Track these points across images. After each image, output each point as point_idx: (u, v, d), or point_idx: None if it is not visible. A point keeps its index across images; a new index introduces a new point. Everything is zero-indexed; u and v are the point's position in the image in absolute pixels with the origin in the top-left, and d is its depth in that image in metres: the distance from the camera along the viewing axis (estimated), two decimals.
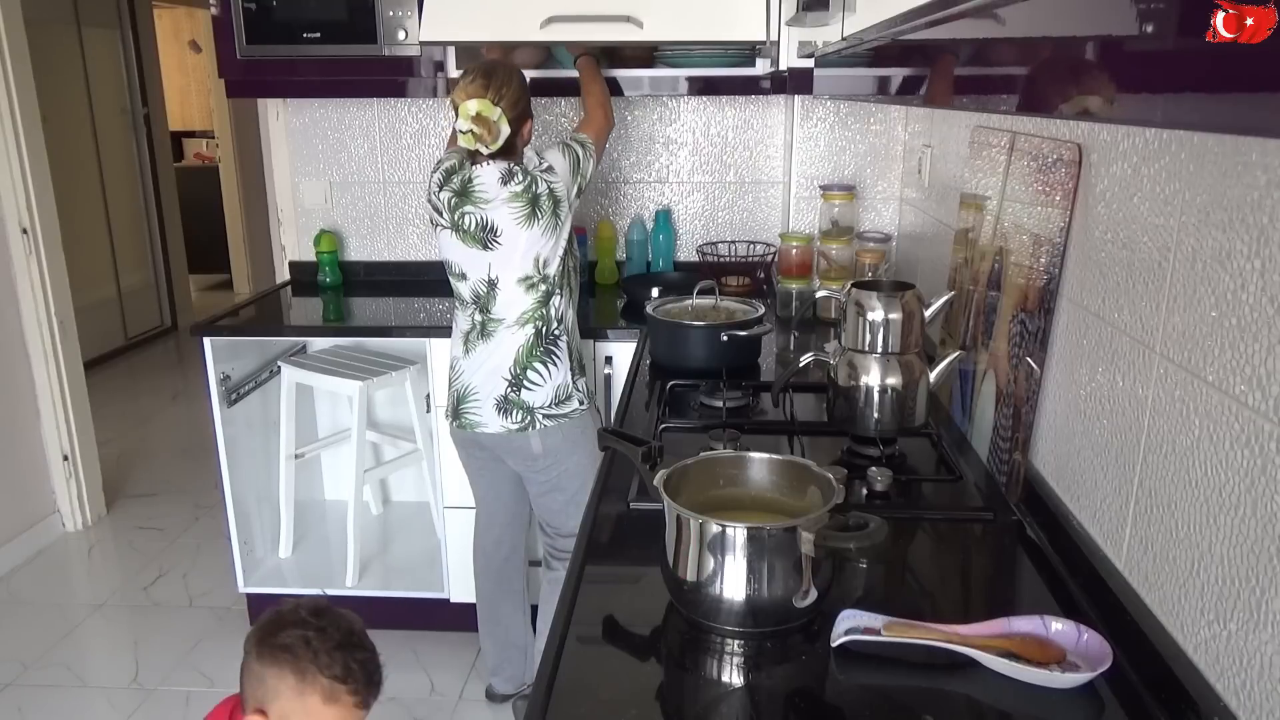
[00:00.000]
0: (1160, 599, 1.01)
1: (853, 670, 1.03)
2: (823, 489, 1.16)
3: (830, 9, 1.22)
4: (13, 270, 3.24)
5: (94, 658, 2.77)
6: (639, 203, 3.03)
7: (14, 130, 3.16)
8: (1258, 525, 0.83)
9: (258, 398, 2.80)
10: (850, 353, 1.58)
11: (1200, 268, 0.94)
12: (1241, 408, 0.86)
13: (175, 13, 7.26)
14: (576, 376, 2.17)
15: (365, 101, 2.97)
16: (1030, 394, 1.36)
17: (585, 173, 2.16)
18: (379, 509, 3.21)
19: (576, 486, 2.17)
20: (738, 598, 1.08)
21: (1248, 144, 0.86)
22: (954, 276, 1.84)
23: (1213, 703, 0.89)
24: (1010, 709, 0.98)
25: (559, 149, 2.13)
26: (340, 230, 3.10)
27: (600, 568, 1.29)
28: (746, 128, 2.95)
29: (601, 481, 1.53)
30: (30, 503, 3.36)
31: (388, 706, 2.51)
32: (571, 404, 2.15)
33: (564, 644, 1.09)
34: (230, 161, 6.64)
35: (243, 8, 2.54)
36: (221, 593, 3.02)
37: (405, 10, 2.52)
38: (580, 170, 2.14)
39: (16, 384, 3.28)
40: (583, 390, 2.18)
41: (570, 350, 2.16)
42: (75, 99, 5.21)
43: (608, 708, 1.01)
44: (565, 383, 2.13)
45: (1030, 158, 1.44)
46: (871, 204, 2.77)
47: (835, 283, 2.49)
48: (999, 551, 1.33)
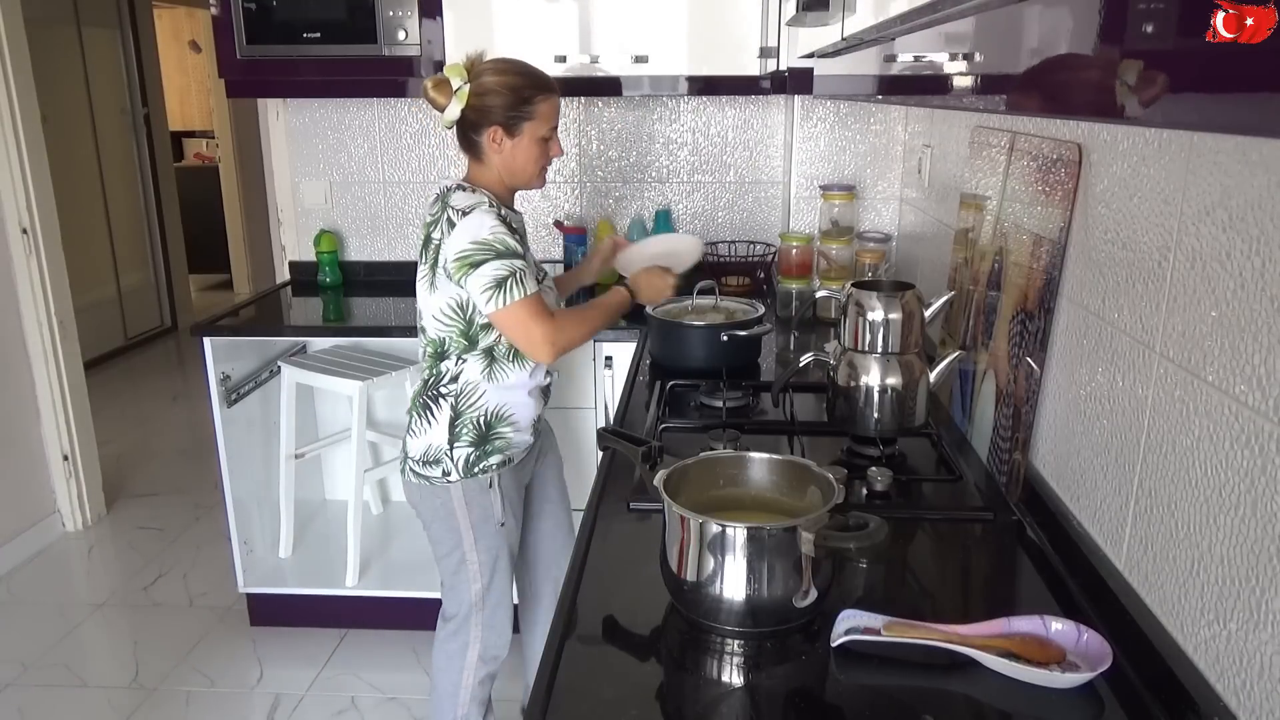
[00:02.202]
0: (1160, 599, 1.01)
1: (853, 670, 1.03)
2: (823, 489, 1.16)
3: (830, 9, 1.22)
4: (13, 270, 3.24)
5: (94, 658, 2.77)
6: (639, 203, 3.03)
7: (14, 130, 3.16)
8: (1258, 525, 0.83)
9: (258, 398, 2.80)
10: (850, 353, 1.58)
11: (1200, 268, 0.94)
12: (1241, 408, 0.86)
13: (175, 13, 7.26)
14: (460, 447, 1.83)
15: (365, 101, 2.97)
16: (1030, 394, 1.36)
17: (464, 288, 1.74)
18: (379, 509, 3.21)
19: (442, 556, 1.92)
20: (738, 598, 1.08)
21: (1248, 144, 0.86)
22: (954, 276, 1.84)
23: (1213, 703, 0.89)
24: (1010, 709, 0.98)
25: (478, 230, 1.71)
26: (340, 230, 3.10)
27: (600, 568, 1.29)
28: (746, 128, 2.95)
29: (601, 481, 1.53)
30: (30, 503, 3.36)
31: (388, 706, 2.51)
32: (435, 470, 1.85)
33: (564, 644, 1.09)
34: (230, 161, 6.64)
35: (243, 8, 2.54)
36: (221, 593, 3.02)
37: (405, 10, 2.52)
38: (459, 276, 1.73)
39: (16, 384, 3.28)
40: (460, 467, 1.84)
41: (457, 417, 1.83)
42: (75, 99, 5.21)
43: (608, 708, 1.01)
44: (438, 445, 1.84)
45: (1030, 158, 1.44)
46: (871, 204, 2.77)
47: (835, 283, 2.49)
48: (999, 551, 1.33)
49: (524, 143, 1.79)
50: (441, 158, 3.02)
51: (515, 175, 1.84)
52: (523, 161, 1.81)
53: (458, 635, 1.95)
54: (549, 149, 1.84)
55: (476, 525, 1.88)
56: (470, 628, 1.94)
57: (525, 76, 1.78)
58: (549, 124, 1.81)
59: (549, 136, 1.82)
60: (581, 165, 3.01)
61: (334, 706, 2.51)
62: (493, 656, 1.96)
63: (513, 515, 1.92)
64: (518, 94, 1.76)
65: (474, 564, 1.90)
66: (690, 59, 2.55)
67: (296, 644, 2.77)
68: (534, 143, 1.80)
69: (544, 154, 1.83)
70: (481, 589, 1.92)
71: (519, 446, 1.91)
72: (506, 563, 1.93)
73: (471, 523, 1.87)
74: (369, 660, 2.70)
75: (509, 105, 1.76)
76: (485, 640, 1.94)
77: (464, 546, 1.89)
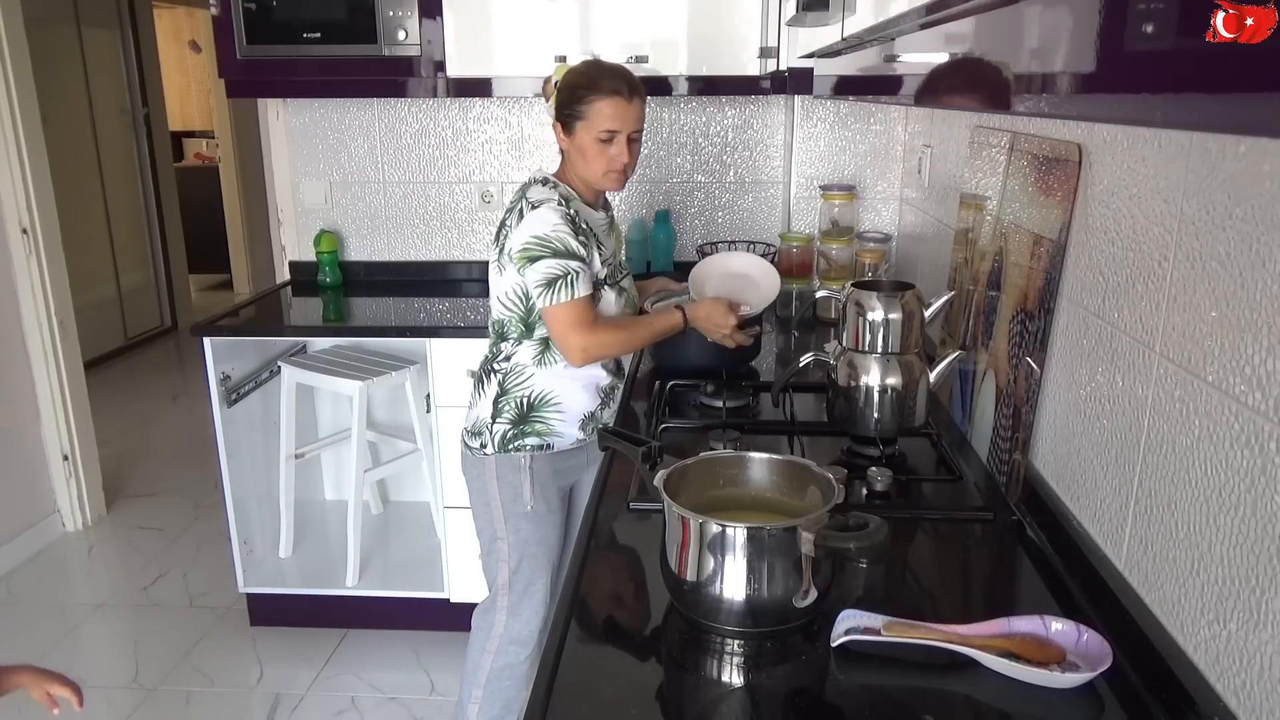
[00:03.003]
0: (1160, 599, 1.01)
1: (853, 670, 1.03)
2: (823, 489, 1.16)
3: (830, 9, 1.22)
4: (13, 270, 3.24)
5: (94, 658, 2.77)
6: (639, 203, 3.03)
7: (14, 130, 3.16)
8: (1258, 525, 0.83)
9: (258, 398, 2.80)
10: (850, 353, 1.58)
11: (1200, 268, 0.94)
12: (1241, 408, 0.86)
13: (175, 13, 7.27)
14: (500, 423, 1.88)
15: (365, 101, 2.97)
16: (1030, 394, 1.36)
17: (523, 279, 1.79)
18: (379, 509, 3.21)
19: (480, 530, 1.97)
20: (738, 598, 1.08)
21: (1248, 144, 0.86)
22: (954, 276, 1.84)
23: (1213, 703, 0.89)
24: (1010, 709, 0.98)
25: (540, 226, 1.75)
26: (340, 230, 3.10)
27: (600, 568, 1.29)
28: (746, 128, 2.95)
29: (601, 481, 1.53)
30: (30, 503, 3.36)
31: (388, 706, 2.51)
32: (476, 441, 1.91)
33: (564, 644, 1.09)
34: (230, 161, 6.64)
35: (243, 8, 2.54)
36: (221, 593, 3.02)
37: (405, 10, 2.52)
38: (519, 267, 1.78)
39: (16, 384, 3.28)
40: (496, 441, 1.88)
41: (502, 394, 1.88)
42: (75, 99, 5.21)
43: (608, 708, 1.01)
44: (482, 418, 1.90)
45: (1030, 158, 1.44)
46: (871, 204, 2.77)
47: (835, 283, 2.49)
48: (999, 551, 1.33)
49: (580, 141, 1.79)
50: (441, 157, 3.02)
51: (579, 173, 1.83)
52: (580, 161, 1.81)
53: (488, 612, 1.98)
54: (608, 152, 1.79)
55: (506, 504, 1.90)
56: (497, 609, 1.96)
57: (584, 75, 1.78)
58: (602, 125, 1.76)
59: (605, 138, 1.77)
60: None
61: (334, 706, 2.51)
62: (514, 641, 1.95)
63: (544, 504, 1.91)
64: (571, 91, 1.78)
65: (504, 544, 1.92)
66: (690, 59, 2.55)
67: (296, 644, 2.77)
68: (591, 142, 1.78)
69: (601, 156, 1.79)
70: (510, 571, 1.93)
71: (562, 436, 1.90)
72: (539, 552, 1.93)
73: (502, 500, 1.90)
74: (369, 660, 2.70)
75: (564, 102, 1.79)
76: (509, 625, 1.95)
77: (495, 524, 1.92)
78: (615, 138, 1.78)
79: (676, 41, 2.54)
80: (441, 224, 3.08)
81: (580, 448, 1.95)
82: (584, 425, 1.93)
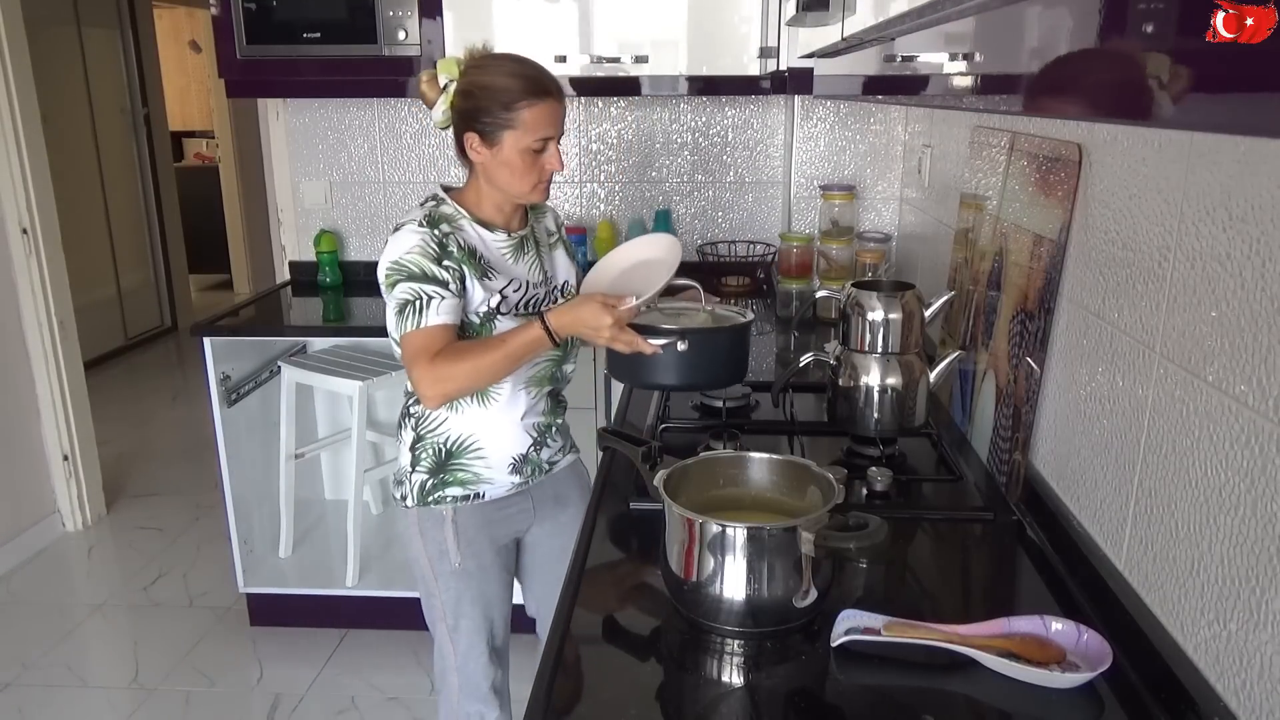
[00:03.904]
0: (1160, 599, 1.01)
1: (853, 670, 1.03)
2: (823, 489, 1.16)
3: (830, 9, 1.22)
4: (13, 270, 3.24)
5: (94, 658, 2.77)
6: (639, 203, 3.03)
7: (14, 130, 3.16)
8: (1258, 525, 0.83)
9: (258, 398, 2.80)
10: (850, 353, 1.58)
11: (1200, 268, 0.94)
12: (1241, 408, 0.86)
13: (175, 13, 7.27)
14: (418, 472, 1.69)
15: (365, 101, 2.97)
16: (1030, 394, 1.36)
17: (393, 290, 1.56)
18: (379, 509, 3.21)
19: (415, 583, 1.79)
20: (738, 598, 1.08)
21: (1248, 144, 0.86)
22: (954, 276, 1.84)
23: (1213, 703, 0.89)
24: (1010, 709, 0.98)
25: (396, 249, 1.54)
26: (340, 230, 3.10)
27: (600, 568, 1.29)
28: (746, 128, 2.95)
29: (601, 481, 1.53)
30: (30, 503, 3.36)
31: (388, 706, 2.51)
32: (399, 492, 1.75)
33: (564, 644, 1.09)
34: (230, 161, 6.64)
35: (243, 8, 2.54)
36: (221, 593, 3.02)
37: (405, 10, 2.52)
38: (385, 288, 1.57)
39: (16, 384, 3.28)
40: (415, 493, 1.69)
41: (418, 440, 1.69)
42: (75, 99, 5.21)
43: (608, 708, 1.01)
44: (403, 467, 1.73)
45: (1030, 158, 1.44)
46: (871, 204, 2.77)
47: (835, 283, 2.49)
48: (999, 551, 1.33)
49: (504, 153, 1.56)
50: (442, 157, 3.02)
51: (502, 188, 1.61)
52: (506, 175, 1.58)
53: (443, 673, 1.80)
54: (540, 162, 1.58)
55: (433, 561, 1.71)
56: (448, 669, 1.79)
57: (513, 78, 1.54)
58: (536, 134, 1.54)
59: (538, 148, 1.56)
60: (582, 165, 3.01)
61: (334, 706, 2.51)
62: (471, 699, 1.79)
63: (474, 559, 1.70)
64: (497, 98, 1.53)
65: (438, 600, 1.74)
66: (690, 59, 2.55)
67: (296, 644, 2.77)
68: (518, 154, 1.55)
69: (532, 167, 1.57)
70: (448, 630, 1.75)
71: (492, 484, 1.69)
72: (474, 612, 1.73)
73: (428, 556, 1.71)
74: (369, 660, 2.70)
75: (486, 110, 1.54)
76: (462, 686, 1.79)
77: (426, 580, 1.73)
78: (549, 144, 1.57)
79: (676, 41, 2.54)
80: None
81: (519, 493, 1.72)
82: (517, 469, 1.70)
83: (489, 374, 1.57)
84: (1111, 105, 0.51)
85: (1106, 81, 0.50)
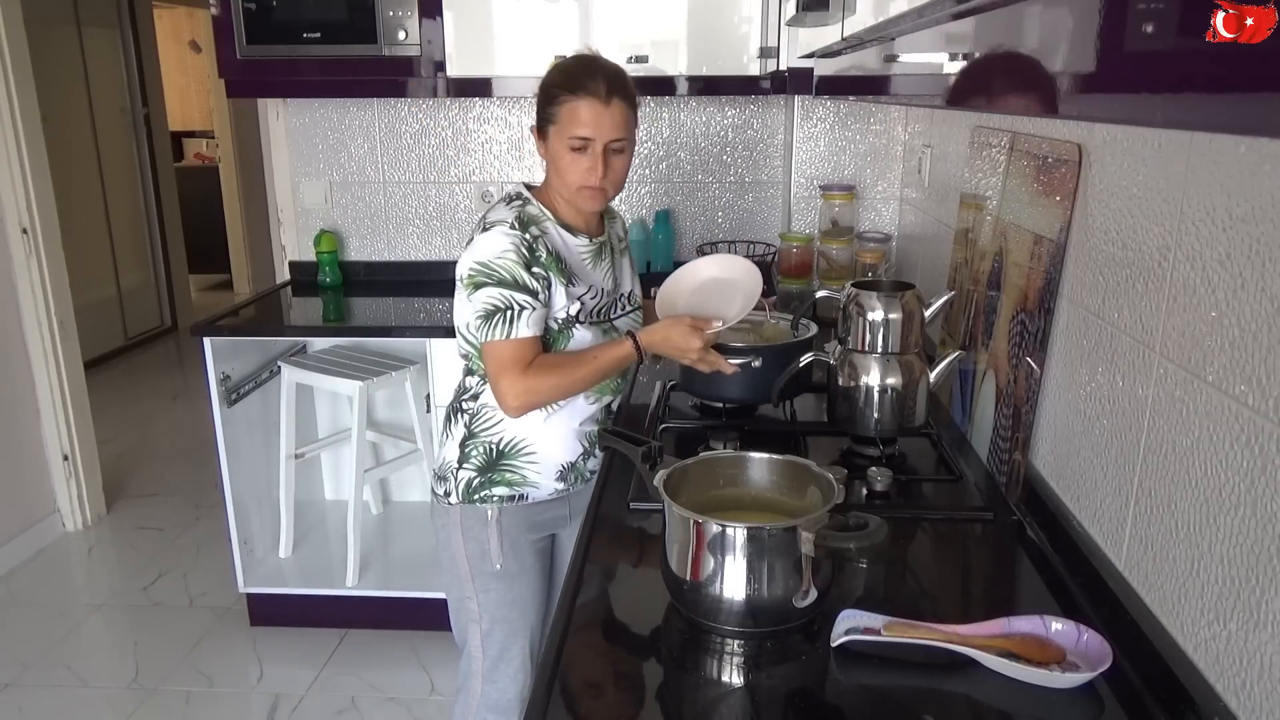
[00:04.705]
0: (1160, 599, 1.01)
1: (853, 670, 1.03)
2: (823, 489, 1.16)
3: (830, 9, 1.22)
4: (13, 270, 3.24)
5: (94, 658, 2.77)
6: (639, 203, 3.03)
7: (14, 130, 3.16)
8: (1258, 525, 0.83)
9: (258, 398, 2.80)
10: (850, 353, 1.58)
11: (1200, 268, 0.94)
12: (1241, 408, 0.86)
13: (175, 13, 7.26)
14: (465, 469, 1.66)
15: (365, 101, 2.97)
16: (1030, 394, 1.36)
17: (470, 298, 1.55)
18: (379, 509, 3.21)
19: (447, 586, 1.74)
20: (738, 598, 1.08)
21: (1248, 143, 0.86)
22: (954, 276, 1.84)
23: (1213, 703, 0.89)
24: (1010, 709, 0.98)
25: (485, 251, 1.52)
26: (340, 230, 3.10)
27: (600, 568, 1.29)
28: (746, 128, 2.95)
29: (601, 481, 1.53)
30: (30, 503, 3.36)
31: (388, 706, 2.51)
32: (442, 487, 1.69)
33: (564, 644, 1.09)
34: (230, 161, 6.64)
35: (243, 8, 2.54)
36: (221, 593, 3.02)
37: (405, 10, 2.52)
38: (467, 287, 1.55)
39: (16, 384, 3.28)
40: (460, 489, 1.66)
41: (469, 437, 1.66)
42: (75, 99, 5.21)
43: (608, 708, 1.01)
44: (448, 462, 1.68)
45: (1030, 158, 1.44)
46: (871, 204, 2.77)
47: (835, 283, 2.49)
48: (999, 551, 1.33)
49: (553, 148, 1.56)
50: (441, 157, 3.02)
51: (554, 185, 1.60)
52: (553, 171, 1.59)
53: (466, 676, 1.75)
54: (580, 163, 1.54)
55: (473, 561, 1.67)
56: (472, 674, 1.73)
57: (558, 72, 1.56)
58: (572, 130, 1.52)
59: (576, 146, 1.53)
60: None
61: (334, 706, 2.51)
62: (493, 710, 1.73)
63: (516, 561, 1.68)
64: (546, 89, 1.56)
65: (474, 603, 1.70)
66: (690, 59, 2.55)
67: (296, 644, 2.77)
68: (563, 150, 1.54)
69: (574, 166, 1.54)
70: (482, 634, 1.70)
71: (537, 488, 1.67)
72: (513, 615, 1.70)
73: (468, 556, 1.67)
74: (369, 660, 2.70)
75: (539, 103, 1.58)
76: (485, 692, 1.72)
77: (463, 580, 1.69)
78: (588, 146, 1.53)
79: (676, 41, 2.54)
80: (441, 224, 3.08)
81: (560, 499, 1.71)
82: (563, 476, 1.68)
83: (577, 388, 1.60)
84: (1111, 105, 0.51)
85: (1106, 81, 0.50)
